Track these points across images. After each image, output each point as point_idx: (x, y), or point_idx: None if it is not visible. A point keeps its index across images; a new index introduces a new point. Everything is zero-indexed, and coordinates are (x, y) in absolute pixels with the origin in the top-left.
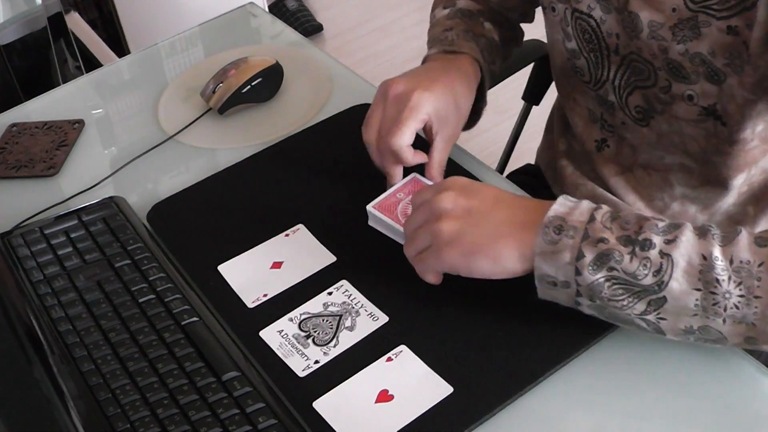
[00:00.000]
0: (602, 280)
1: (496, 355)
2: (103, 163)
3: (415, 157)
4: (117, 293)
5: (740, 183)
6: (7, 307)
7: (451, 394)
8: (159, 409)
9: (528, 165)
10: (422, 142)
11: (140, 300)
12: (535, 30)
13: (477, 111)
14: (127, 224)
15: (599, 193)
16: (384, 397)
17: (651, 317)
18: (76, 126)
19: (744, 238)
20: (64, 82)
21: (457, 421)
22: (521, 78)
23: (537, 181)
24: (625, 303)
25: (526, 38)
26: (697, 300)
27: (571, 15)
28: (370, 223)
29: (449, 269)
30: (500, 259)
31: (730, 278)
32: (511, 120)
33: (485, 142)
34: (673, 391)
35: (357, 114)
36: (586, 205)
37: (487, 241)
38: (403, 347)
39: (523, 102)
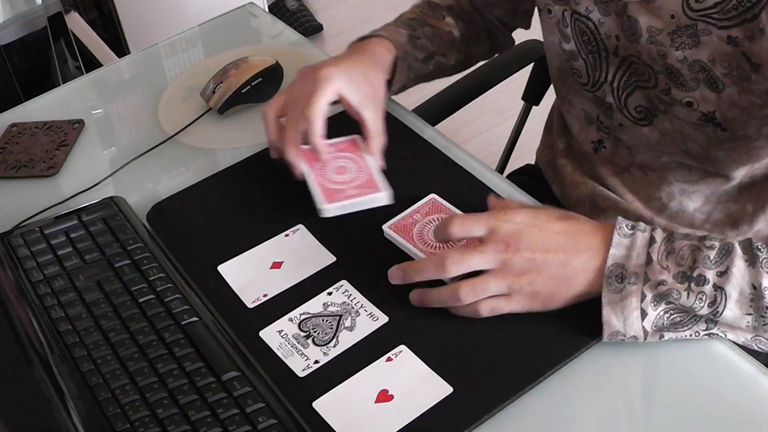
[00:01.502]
0: (662, 312)
1: (496, 355)
2: (103, 163)
3: (323, 141)
4: (117, 293)
5: (742, 174)
6: (7, 307)
7: (451, 394)
8: (159, 409)
9: (528, 165)
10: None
11: (140, 300)
12: (534, 30)
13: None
14: (127, 224)
15: (599, 191)
16: (384, 397)
17: (714, 330)
18: (76, 126)
19: None
20: (64, 82)
21: (457, 421)
22: (521, 78)
23: (537, 182)
24: (684, 327)
25: (525, 38)
26: (748, 322)
27: (570, 16)
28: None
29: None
30: (576, 300)
31: None
32: (511, 120)
33: (485, 142)
34: (672, 392)
35: None
36: (640, 240)
37: (564, 289)
38: (403, 347)
39: (522, 102)
